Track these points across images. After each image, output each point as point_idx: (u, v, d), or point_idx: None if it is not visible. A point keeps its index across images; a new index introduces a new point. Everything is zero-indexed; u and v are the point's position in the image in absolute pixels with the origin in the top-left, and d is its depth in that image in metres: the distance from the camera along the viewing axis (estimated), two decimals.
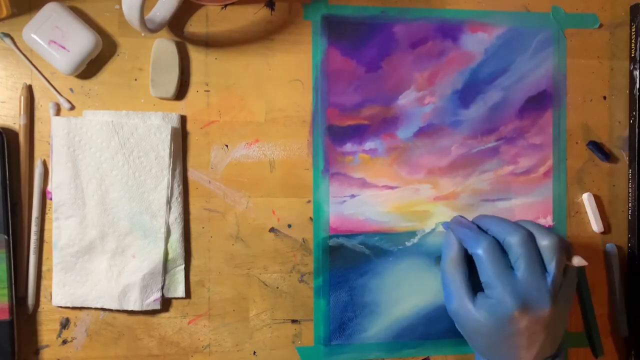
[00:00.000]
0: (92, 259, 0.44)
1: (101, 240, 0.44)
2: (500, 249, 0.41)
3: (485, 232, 0.43)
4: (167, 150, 0.44)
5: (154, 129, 0.44)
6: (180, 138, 0.45)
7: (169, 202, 0.45)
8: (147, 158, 0.44)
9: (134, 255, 0.45)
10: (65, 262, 0.44)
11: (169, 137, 0.44)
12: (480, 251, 0.41)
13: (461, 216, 0.46)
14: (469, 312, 0.41)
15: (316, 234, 0.47)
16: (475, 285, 0.42)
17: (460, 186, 0.49)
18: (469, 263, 0.43)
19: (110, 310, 0.45)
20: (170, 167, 0.45)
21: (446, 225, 0.46)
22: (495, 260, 0.41)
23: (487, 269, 0.41)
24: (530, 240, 0.41)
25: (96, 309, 0.45)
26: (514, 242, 0.41)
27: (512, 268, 0.41)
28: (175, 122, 0.45)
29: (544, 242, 0.41)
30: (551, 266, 0.41)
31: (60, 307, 0.44)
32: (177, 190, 0.45)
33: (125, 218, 0.44)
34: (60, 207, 0.44)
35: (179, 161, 0.45)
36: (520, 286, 0.40)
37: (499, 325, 0.40)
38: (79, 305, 0.44)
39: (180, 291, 0.46)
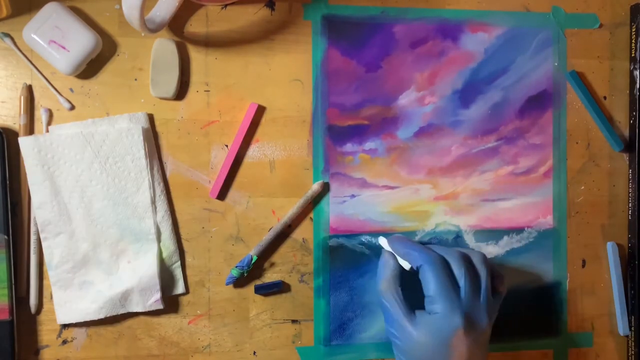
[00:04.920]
0: (89, 271, 0.44)
1: (94, 252, 0.44)
2: (447, 265, 0.42)
3: None
4: (142, 152, 0.44)
5: (125, 132, 0.44)
6: (152, 137, 0.45)
7: (153, 202, 0.45)
8: (124, 162, 0.44)
9: (129, 261, 0.45)
10: (63, 280, 0.44)
11: (141, 138, 0.44)
12: (427, 265, 0.41)
13: (400, 235, 0.46)
14: (407, 331, 0.41)
15: (316, 234, 0.47)
16: (412, 307, 0.42)
17: (460, 186, 0.49)
18: (406, 285, 0.43)
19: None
20: (148, 167, 0.44)
21: (382, 240, 0.46)
22: (442, 275, 0.41)
23: (433, 283, 0.40)
24: (468, 260, 0.42)
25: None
26: (454, 260, 0.42)
27: (457, 285, 0.41)
28: (143, 122, 0.45)
29: (475, 260, 0.43)
30: (483, 285, 0.42)
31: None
32: (158, 189, 0.45)
33: (113, 226, 0.44)
34: (46, 227, 0.43)
35: (156, 160, 0.45)
36: (464, 304, 0.40)
37: (441, 343, 0.39)
38: (82, 320, 0.44)
39: (180, 288, 0.46)
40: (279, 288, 0.47)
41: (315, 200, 0.47)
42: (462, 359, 0.40)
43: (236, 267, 0.45)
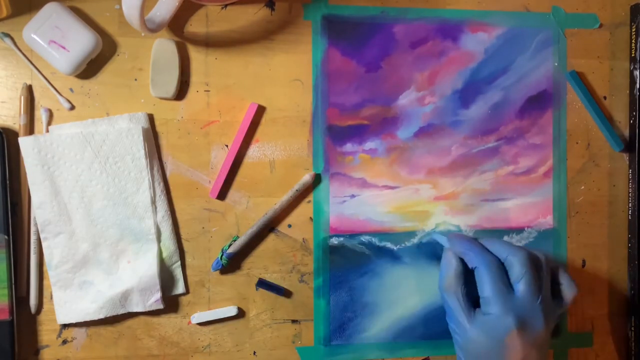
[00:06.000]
0: (89, 271, 0.44)
1: (94, 252, 0.44)
2: (502, 267, 0.42)
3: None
4: (142, 152, 0.44)
5: (125, 132, 0.44)
6: (152, 137, 0.45)
7: (153, 202, 0.45)
8: (124, 162, 0.44)
9: (129, 261, 0.45)
10: (63, 280, 0.44)
11: (141, 138, 0.44)
12: (483, 267, 0.42)
13: (459, 233, 0.46)
14: (465, 329, 0.42)
15: (316, 234, 0.47)
16: (474, 302, 0.43)
17: (460, 186, 0.49)
18: (468, 280, 0.44)
19: None
20: (148, 167, 0.44)
21: (440, 237, 0.47)
22: (497, 277, 0.41)
23: (488, 285, 0.41)
24: (532, 261, 0.42)
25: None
26: (516, 261, 0.42)
27: (511, 287, 0.42)
28: (143, 122, 0.45)
29: (540, 261, 0.43)
30: (545, 288, 0.42)
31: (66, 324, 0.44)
32: (158, 189, 0.45)
33: (113, 226, 0.44)
34: (46, 227, 0.43)
35: (156, 160, 0.45)
36: (519, 305, 0.41)
37: (495, 343, 0.41)
38: (82, 320, 0.44)
39: (180, 288, 0.46)
40: (280, 292, 0.47)
41: (315, 200, 0.47)
42: (517, 358, 0.41)
43: (221, 251, 0.45)
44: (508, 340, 0.40)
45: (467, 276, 0.44)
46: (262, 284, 0.46)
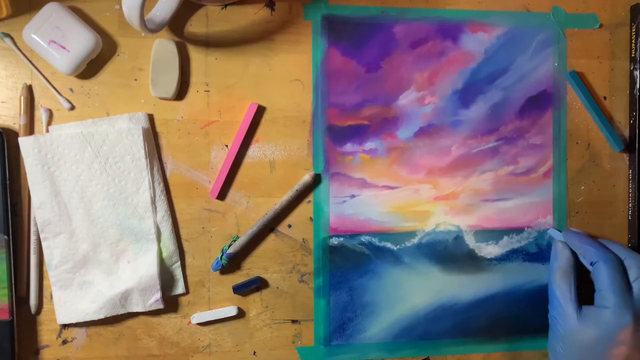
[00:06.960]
0: (89, 271, 0.44)
1: (94, 252, 0.44)
2: (622, 265, 0.44)
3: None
4: (142, 152, 0.44)
5: (125, 132, 0.44)
6: (152, 137, 0.45)
7: (153, 202, 0.45)
8: (124, 162, 0.44)
9: (129, 261, 0.45)
10: (63, 280, 0.44)
11: (141, 138, 0.44)
12: (604, 262, 0.43)
13: (576, 230, 0.48)
14: (572, 321, 0.43)
15: (316, 234, 0.47)
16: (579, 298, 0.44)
17: (460, 186, 0.49)
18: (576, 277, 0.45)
19: None
20: (148, 167, 0.44)
21: (555, 232, 0.49)
22: (618, 273, 0.43)
23: (608, 280, 0.42)
24: None
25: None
26: (634, 263, 0.44)
27: (629, 286, 0.43)
28: (143, 122, 0.45)
29: None
30: None
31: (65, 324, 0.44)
32: (158, 189, 0.45)
33: (113, 226, 0.44)
34: (46, 227, 0.43)
35: (156, 160, 0.45)
36: (637, 304, 0.42)
37: (605, 337, 0.41)
38: (82, 320, 0.44)
39: (180, 288, 0.46)
40: (256, 285, 0.46)
41: (315, 200, 0.47)
42: (622, 356, 0.41)
43: (221, 251, 0.45)
44: (621, 336, 0.41)
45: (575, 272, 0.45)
46: (238, 288, 0.46)
